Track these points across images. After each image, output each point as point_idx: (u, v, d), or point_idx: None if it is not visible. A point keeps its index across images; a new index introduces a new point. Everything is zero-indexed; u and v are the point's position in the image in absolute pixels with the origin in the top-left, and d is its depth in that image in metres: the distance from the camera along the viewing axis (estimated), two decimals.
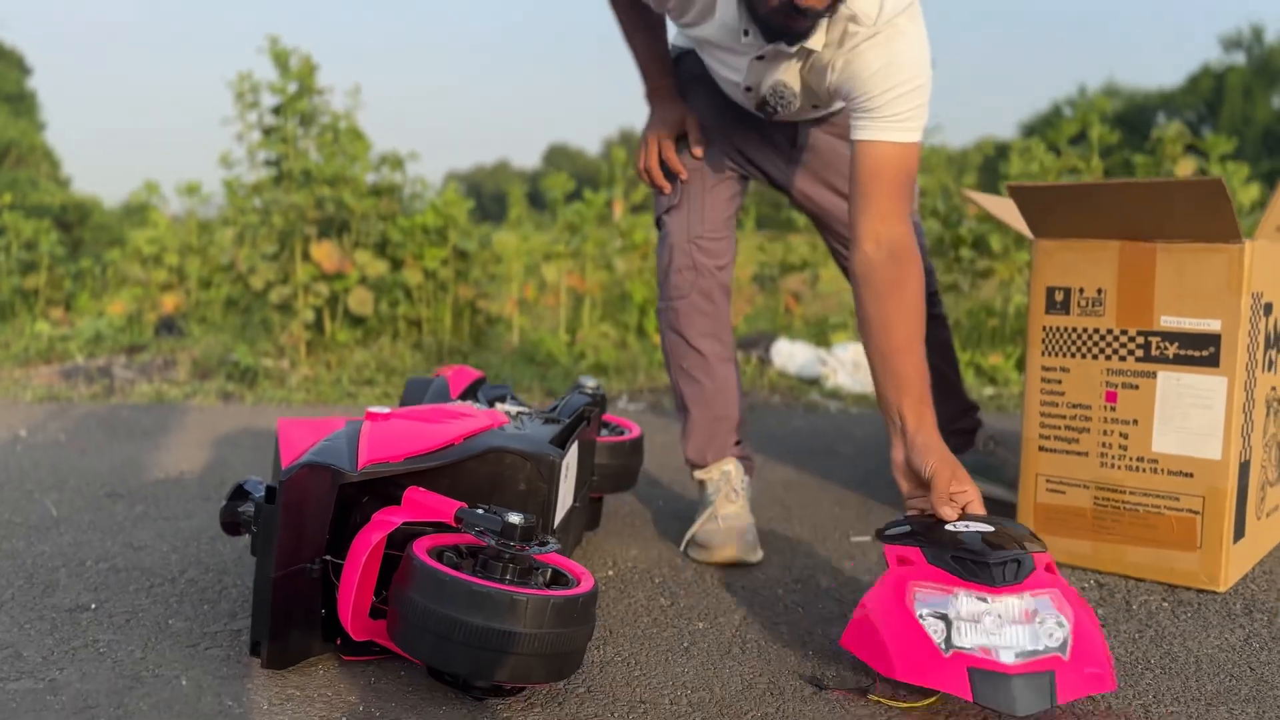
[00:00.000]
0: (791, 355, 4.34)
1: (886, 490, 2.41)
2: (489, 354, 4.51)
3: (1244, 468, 1.76)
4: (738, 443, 2.01)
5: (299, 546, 1.34)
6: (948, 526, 1.40)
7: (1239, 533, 1.77)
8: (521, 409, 1.80)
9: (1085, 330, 1.83)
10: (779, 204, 5.66)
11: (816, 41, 1.66)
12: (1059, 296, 1.85)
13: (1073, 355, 1.84)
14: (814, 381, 4.15)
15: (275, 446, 1.49)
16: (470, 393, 1.95)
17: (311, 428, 1.47)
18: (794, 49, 1.69)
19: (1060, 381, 1.86)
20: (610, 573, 1.83)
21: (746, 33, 1.69)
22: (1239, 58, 35.47)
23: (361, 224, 4.62)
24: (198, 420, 3.28)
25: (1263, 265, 1.75)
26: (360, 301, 4.48)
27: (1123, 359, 1.80)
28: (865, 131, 1.68)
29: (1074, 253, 1.83)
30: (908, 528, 1.43)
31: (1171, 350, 1.75)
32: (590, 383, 1.91)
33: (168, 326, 5.34)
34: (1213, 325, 1.72)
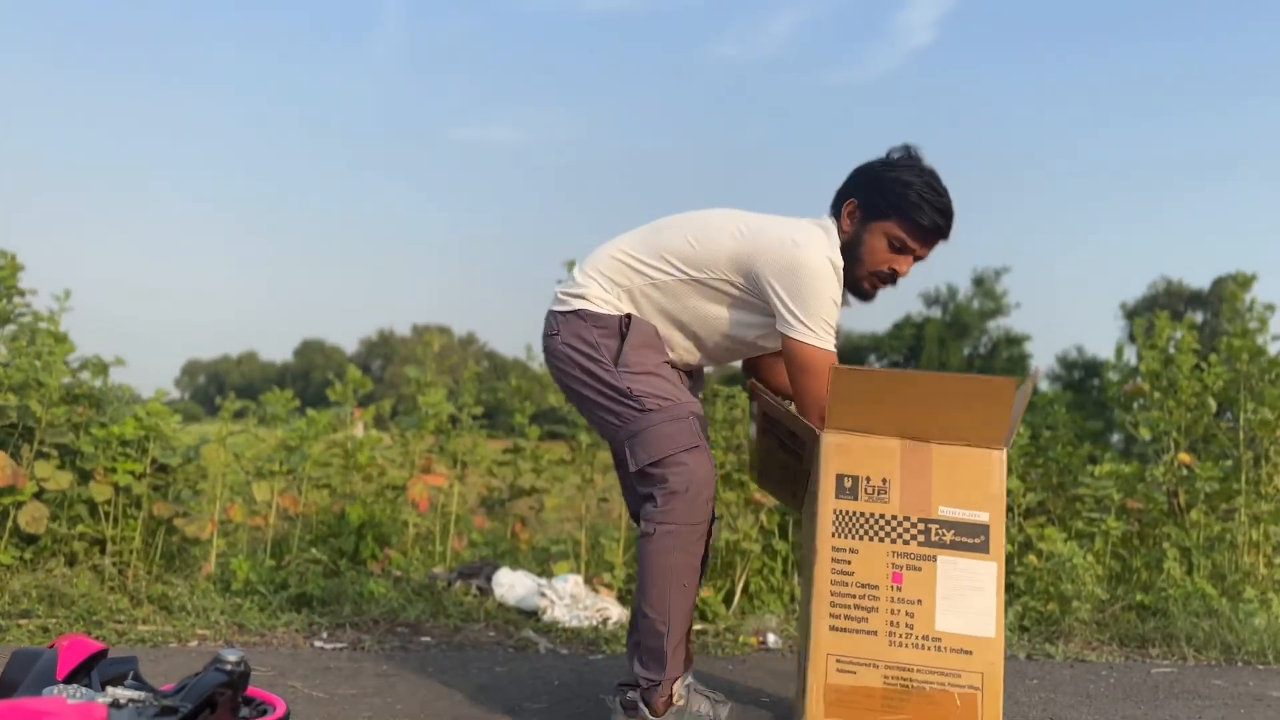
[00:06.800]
0: (512, 586, 4.26)
1: None
2: (177, 582, 4.12)
3: None
4: (688, 660, 2.20)
5: None
6: None
7: None
8: (135, 695, 1.61)
9: (872, 515, 1.95)
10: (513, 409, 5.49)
11: None
12: (848, 483, 1.98)
13: (861, 537, 1.95)
14: (532, 614, 4.07)
15: None
16: (84, 670, 1.73)
17: None
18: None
19: (850, 562, 1.95)
20: None
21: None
22: (936, 312, 42.47)
23: (49, 433, 4.22)
24: None
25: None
26: (32, 519, 4.03)
27: (906, 543, 1.93)
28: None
29: (860, 448, 1.96)
30: None
31: (949, 536, 1.91)
32: (231, 657, 1.75)
33: None
34: (982, 517, 1.89)
